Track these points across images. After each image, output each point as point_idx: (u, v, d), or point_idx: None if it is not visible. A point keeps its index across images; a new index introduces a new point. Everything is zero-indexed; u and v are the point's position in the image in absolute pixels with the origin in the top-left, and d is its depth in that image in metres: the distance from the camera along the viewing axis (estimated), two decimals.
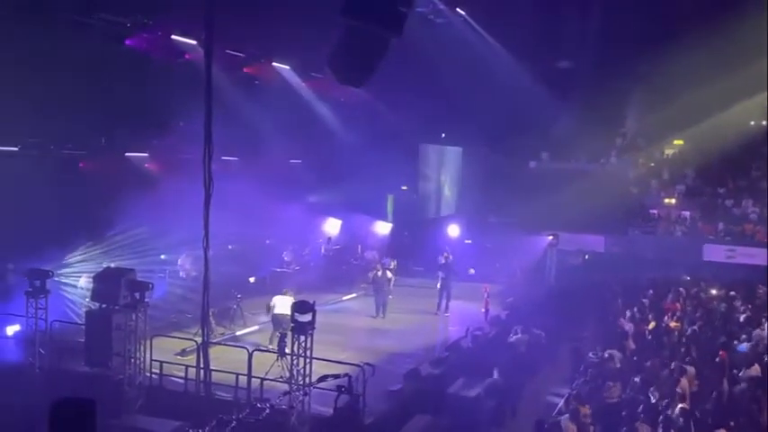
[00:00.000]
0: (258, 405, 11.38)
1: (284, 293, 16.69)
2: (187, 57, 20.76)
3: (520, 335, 16.17)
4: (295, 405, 11.82)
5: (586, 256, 26.27)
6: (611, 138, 32.30)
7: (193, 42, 20.55)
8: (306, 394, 11.94)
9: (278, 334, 14.94)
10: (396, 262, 24.51)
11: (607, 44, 27.54)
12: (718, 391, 11.88)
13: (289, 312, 15.89)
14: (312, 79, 26.18)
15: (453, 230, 27.59)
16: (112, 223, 18.14)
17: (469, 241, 27.35)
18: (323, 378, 12.09)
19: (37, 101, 15.63)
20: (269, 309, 16.34)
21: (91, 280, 14.24)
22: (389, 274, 20.92)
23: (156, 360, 13.51)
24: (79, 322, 14.49)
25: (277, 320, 15.87)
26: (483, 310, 20.51)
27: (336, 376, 11.85)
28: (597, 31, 27.28)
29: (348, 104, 27.92)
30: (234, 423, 10.33)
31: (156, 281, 14.86)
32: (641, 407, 11.34)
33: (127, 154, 20.77)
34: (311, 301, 12.41)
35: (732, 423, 10.45)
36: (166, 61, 20.44)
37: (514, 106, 27.52)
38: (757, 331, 15.64)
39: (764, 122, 29.96)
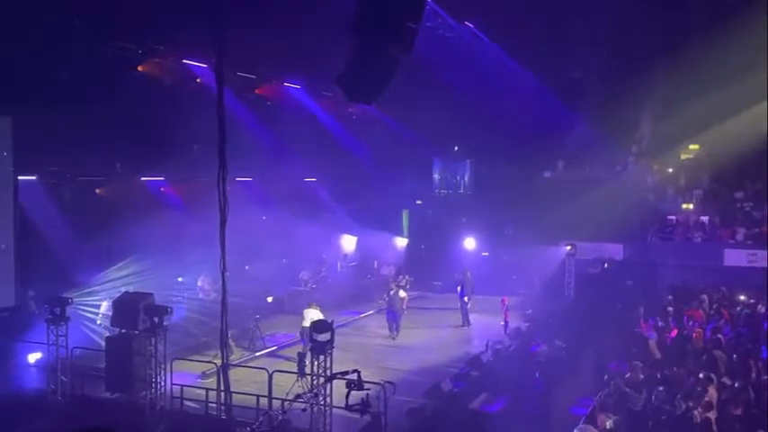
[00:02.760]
0: (272, 413, 11.27)
1: (310, 306, 16.78)
2: (199, 81, 20.96)
3: (541, 347, 16.03)
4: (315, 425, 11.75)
5: (605, 265, 26.02)
6: (626, 145, 32.06)
7: (204, 66, 20.74)
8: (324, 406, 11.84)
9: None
10: (407, 277, 24.50)
11: (619, 51, 27.44)
12: (746, 399, 11.67)
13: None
14: (324, 98, 26.31)
15: (470, 243, 27.49)
16: (130, 247, 18.24)
17: (486, 254, 27.22)
18: (333, 376, 11.95)
19: (53, 129, 15.82)
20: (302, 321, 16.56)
21: (111, 305, 14.30)
22: (402, 293, 20.83)
23: (176, 384, 13.51)
24: (100, 348, 14.54)
25: (306, 333, 16.05)
26: (502, 322, 20.37)
27: (345, 373, 11.68)
28: (608, 38, 27.18)
29: (360, 121, 28.01)
30: None
31: (174, 304, 14.91)
32: (667, 416, 11.18)
33: (142, 178, 20.95)
34: (330, 321, 12.38)
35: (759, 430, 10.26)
36: (179, 85, 20.64)
37: (527, 117, 27.45)
38: None
39: None
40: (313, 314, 16.28)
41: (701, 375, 12.69)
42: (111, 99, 17.80)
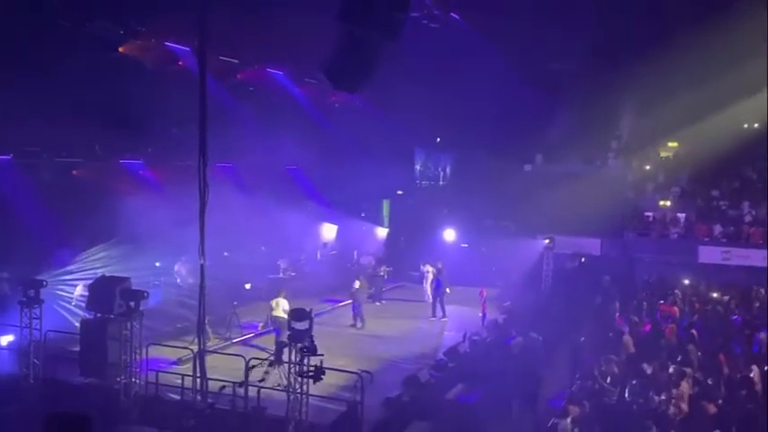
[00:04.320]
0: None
1: (280, 294, 16.77)
2: (181, 63, 20.72)
3: (516, 339, 16.13)
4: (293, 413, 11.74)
5: (582, 259, 26.23)
6: (605, 140, 32.33)
7: (186, 49, 20.50)
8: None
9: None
10: (385, 267, 24.62)
11: (601, 46, 27.59)
12: (717, 394, 11.84)
13: (281, 314, 16.07)
14: (307, 85, 26.15)
15: (449, 235, 27.56)
16: (108, 231, 18.03)
17: (466, 245, 27.32)
18: (283, 345, 11.93)
19: (31, 109, 15.55)
20: (270, 311, 16.54)
21: (86, 289, 14.14)
22: (357, 284, 20.83)
23: (152, 370, 13.41)
24: (74, 332, 14.38)
25: (275, 323, 16.08)
26: (480, 314, 20.47)
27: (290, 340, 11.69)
28: (591, 33, 27.32)
29: (343, 110, 27.91)
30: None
31: (151, 289, 14.77)
32: (641, 410, 11.32)
33: (121, 161, 20.68)
34: (308, 309, 12.34)
35: (731, 426, 10.41)
36: (160, 68, 20.39)
37: (509, 109, 27.54)
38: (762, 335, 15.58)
39: (757, 125, 30.01)
40: (283, 303, 16.34)
41: (672, 370, 12.86)
42: (90, 80, 17.53)
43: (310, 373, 11.32)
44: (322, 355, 11.41)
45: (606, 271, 23.73)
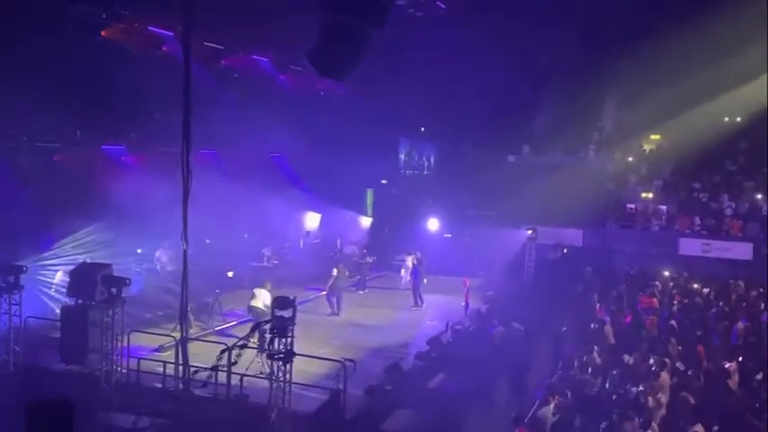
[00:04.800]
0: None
1: (264, 286, 16.71)
2: (164, 49, 20.47)
3: (498, 328, 16.22)
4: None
5: (565, 250, 26.39)
6: (588, 132, 32.48)
7: (171, 34, 20.26)
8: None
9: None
10: (368, 257, 24.68)
11: (586, 39, 27.67)
12: (696, 385, 11.99)
13: (259, 305, 16.07)
14: (292, 72, 25.98)
15: (433, 224, 27.60)
16: (88, 217, 17.86)
17: (449, 235, 27.38)
18: (258, 325, 11.89)
19: (11, 93, 15.31)
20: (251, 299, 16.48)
21: (67, 275, 14.01)
22: (335, 272, 20.90)
23: (133, 357, 13.33)
24: (54, 318, 14.25)
25: (253, 313, 16.03)
26: (463, 303, 20.55)
27: (268, 321, 11.62)
28: (576, 26, 27.39)
29: (328, 98, 27.77)
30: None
31: (132, 276, 14.67)
32: (621, 400, 11.44)
33: (103, 147, 20.45)
34: (291, 297, 12.31)
35: (710, 416, 10.55)
36: (143, 53, 20.14)
37: (494, 100, 27.57)
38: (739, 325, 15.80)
39: (738, 119, 30.30)
40: (264, 295, 16.31)
41: (653, 360, 13.00)
42: (72, 64, 17.29)
43: (280, 355, 11.21)
44: (291, 337, 11.35)
45: (588, 262, 23.90)
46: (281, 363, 11.38)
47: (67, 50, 17.27)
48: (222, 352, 11.53)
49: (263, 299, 16.24)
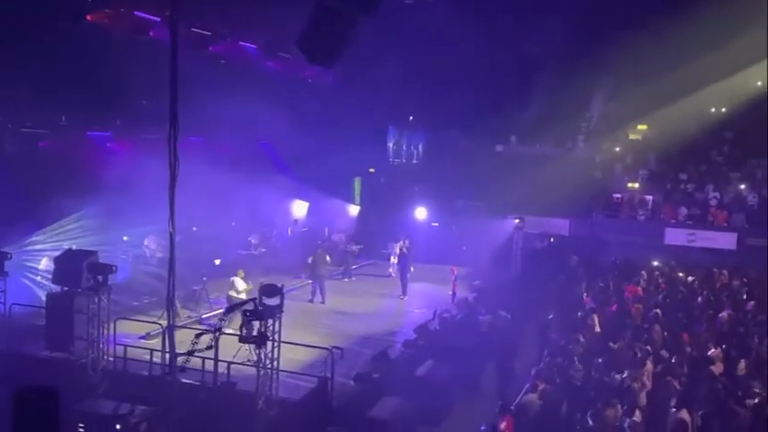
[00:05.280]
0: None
1: (238, 274, 16.74)
2: (151, 34, 20.28)
3: (485, 317, 16.29)
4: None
5: (552, 240, 26.52)
6: (576, 123, 32.58)
7: (157, 19, 20.06)
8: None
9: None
10: (355, 245, 24.67)
11: (574, 30, 27.69)
12: (680, 372, 12.10)
13: (238, 295, 16.10)
14: (280, 59, 25.82)
15: (421, 213, 27.64)
16: (74, 204, 17.73)
17: (437, 224, 27.44)
18: (232, 308, 11.83)
19: None
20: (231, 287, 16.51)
21: (52, 262, 13.93)
22: (311, 260, 21.16)
23: (119, 344, 13.29)
24: (40, 305, 14.17)
25: (229, 301, 16.25)
26: (450, 292, 20.62)
27: (243, 303, 11.51)
28: (565, 17, 27.37)
29: (316, 85, 27.66)
30: None
31: (119, 263, 14.61)
32: (605, 387, 11.54)
33: (89, 133, 20.27)
34: (279, 285, 12.31)
35: (693, 402, 10.66)
36: (130, 38, 19.94)
37: (482, 90, 27.55)
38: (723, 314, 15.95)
39: (723, 110, 30.50)
40: (238, 283, 16.36)
41: (638, 348, 13.11)
42: (57, 49, 17.08)
43: (252, 338, 11.12)
44: (266, 319, 11.29)
45: (574, 251, 24.02)
46: (254, 346, 11.24)
47: (53, 35, 17.05)
48: (197, 336, 11.36)
49: (235, 286, 16.36)
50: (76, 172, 17.75)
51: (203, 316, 17.34)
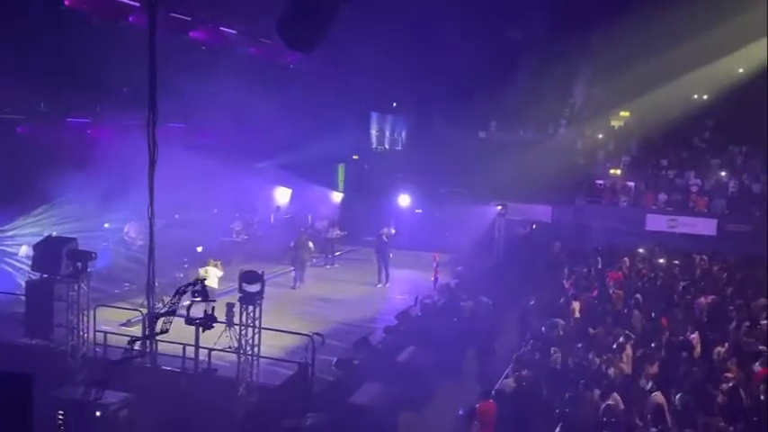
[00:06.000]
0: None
1: (209, 264, 16.65)
2: (130, 19, 20.03)
3: (467, 302, 16.38)
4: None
5: (534, 226, 26.64)
6: (559, 109, 32.67)
7: (137, 4, 19.81)
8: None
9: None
10: (338, 231, 24.66)
11: (556, 15, 27.71)
12: (659, 356, 12.25)
13: (212, 284, 16.04)
14: (261, 45, 25.60)
15: (404, 200, 27.65)
16: (53, 191, 17.56)
17: (420, 211, 27.46)
18: (179, 291, 11.51)
19: None
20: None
21: (31, 249, 13.81)
22: (291, 244, 21.22)
23: (99, 331, 13.22)
24: (19, 293, 14.06)
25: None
26: (432, 278, 20.68)
27: (189, 285, 11.00)
28: (547, 1, 27.39)
29: (298, 71, 27.47)
30: None
31: (99, 250, 14.51)
32: (585, 371, 11.66)
33: (68, 119, 20.05)
34: (260, 272, 12.31)
35: (671, 387, 10.80)
36: (109, 23, 19.69)
37: (465, 76, 27.54)
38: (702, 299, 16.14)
39: (705, 96, 30.69)
40: (211, 272, 16.27)
41: (617, 333, 13.25)
42: (34, 35, 16.85)
43: (197, 321, 10.93)
44: (214, 300, 11.12)
45: (557, 237, 24.16)
46: (201, 329, 10.98)
47: (30, 20, 16.82)
48: (151, 321, 11.07)
49: (213, 275, 16.30)
50: (56, 158, 17.55)
51: (184, 303, 17.23)
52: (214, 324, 10.74)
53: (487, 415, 10.14)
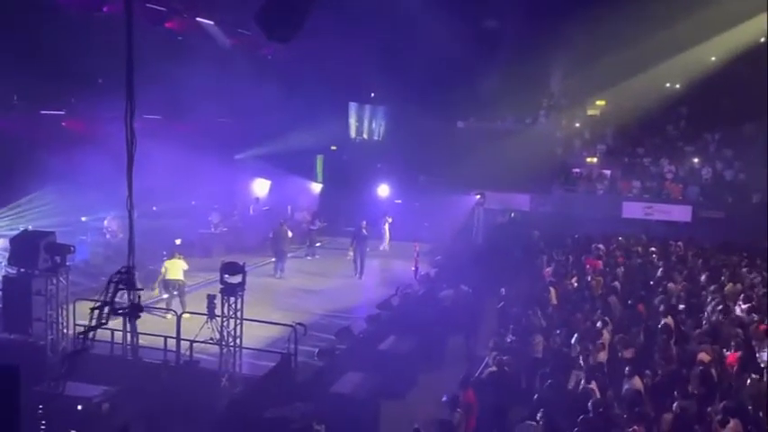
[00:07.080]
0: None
1: (174, 257, 16.61)
2: (105, 9, 19.79)
3: (447, 291, 16.49)
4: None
5: (512, 215, 26.85)
6: (536, 98, 32.86)
7: None
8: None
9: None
10: (319, 222, 24.71)
11: (532, 5, 27.83)
12: (636, 342, 12.45)
13: (180, 277, 15.99)
14: (238, 35, 25.45)
15: (383, 190, 27.69)
16: (29, 184, 17.36)
17: (399, 201, 27.54)
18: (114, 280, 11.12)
19: None
20: (161, 275, 16.27)
21: (8, 243, 13.66)
22: (271, 234, 21.37)
23: (79, 325, 13.12)
24: None
25: (168, 286, 16.21)
26: (413, 268, 20.78)
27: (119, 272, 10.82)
28: None
29: (276, 62, 27.36)
30: None
31: (77, 244, 14.39)
32: (564, 358, 11.82)
33: (42, 112, 19.80)
34: (241, 263, 12.30)
35: (647, 371, 11.00)
36: (84, 14, 19.45)
37: (443, 66, 27.58)
38: (670, 285, 16.41)
39: (678, 85, 31.05)
40: (177, 265, 16.24)
41: (595, 318, 13.44)
42: (7, 27, 16.61)
43: (124, 311, 10.72)
44: (141, 289, 10.96)
45: (535, 225, 24.37)
46: (128, 318, 10.77)
47: (2, 11, 16.56)
48: (92, 310, 10.87)
49: (179, 268, 16.26)
50: (30, 151, 17.35)
51: (163, 296, 17.19)
52: (141, 314, 10.35)
53: (470, 403, 10.25)
